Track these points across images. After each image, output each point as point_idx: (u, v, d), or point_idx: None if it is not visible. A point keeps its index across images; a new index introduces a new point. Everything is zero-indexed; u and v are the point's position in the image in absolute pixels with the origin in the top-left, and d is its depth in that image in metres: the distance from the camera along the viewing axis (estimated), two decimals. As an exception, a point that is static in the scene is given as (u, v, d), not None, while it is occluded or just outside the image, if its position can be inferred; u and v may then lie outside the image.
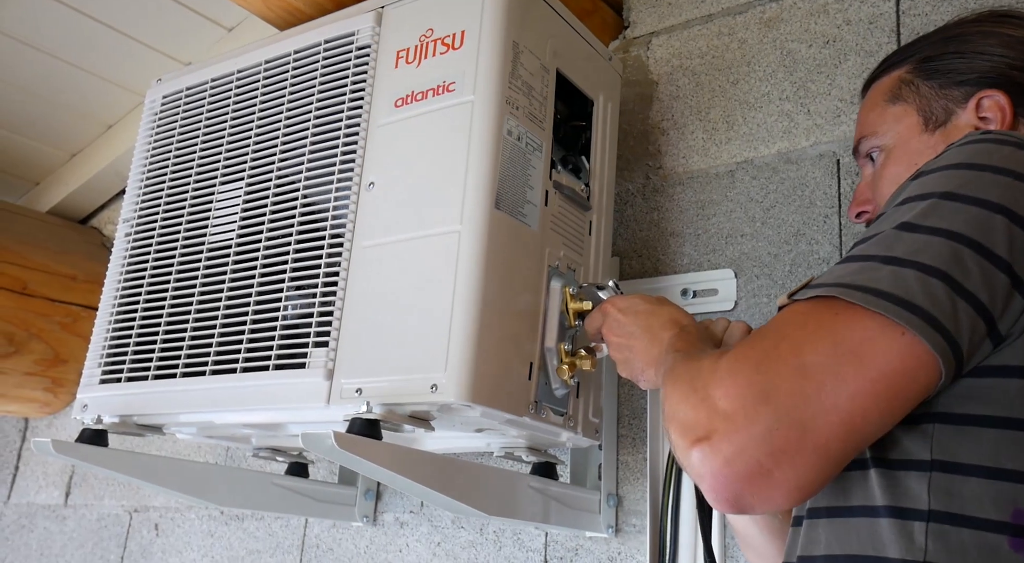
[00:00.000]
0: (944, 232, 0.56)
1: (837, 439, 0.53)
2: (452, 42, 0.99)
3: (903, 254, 0.56)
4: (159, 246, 1.16)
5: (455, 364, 0.85)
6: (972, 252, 0.55)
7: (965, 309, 0.54)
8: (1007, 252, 0.55)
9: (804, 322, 0.56)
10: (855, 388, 0.53)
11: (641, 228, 1.25)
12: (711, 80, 1.26)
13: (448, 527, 1.29)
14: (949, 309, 0.53)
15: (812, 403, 0.53)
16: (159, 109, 1.25)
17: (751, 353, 0.57)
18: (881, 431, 0.55)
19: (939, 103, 0.80)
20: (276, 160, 1.08)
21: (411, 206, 0.95)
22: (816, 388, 0.53)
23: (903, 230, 0.57)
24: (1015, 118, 0.76)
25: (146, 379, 1.09)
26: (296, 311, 0.99)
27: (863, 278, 0.55)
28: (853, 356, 0.53)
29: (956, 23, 0.85)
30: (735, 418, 0.54)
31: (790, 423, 0.53)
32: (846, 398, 0.53)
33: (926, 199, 0.58)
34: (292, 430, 1.11)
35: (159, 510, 1.67)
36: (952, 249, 0.55)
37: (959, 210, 0.56)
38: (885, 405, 0.54)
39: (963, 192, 0.57)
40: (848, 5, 1.17)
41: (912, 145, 0.81)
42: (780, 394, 0.53)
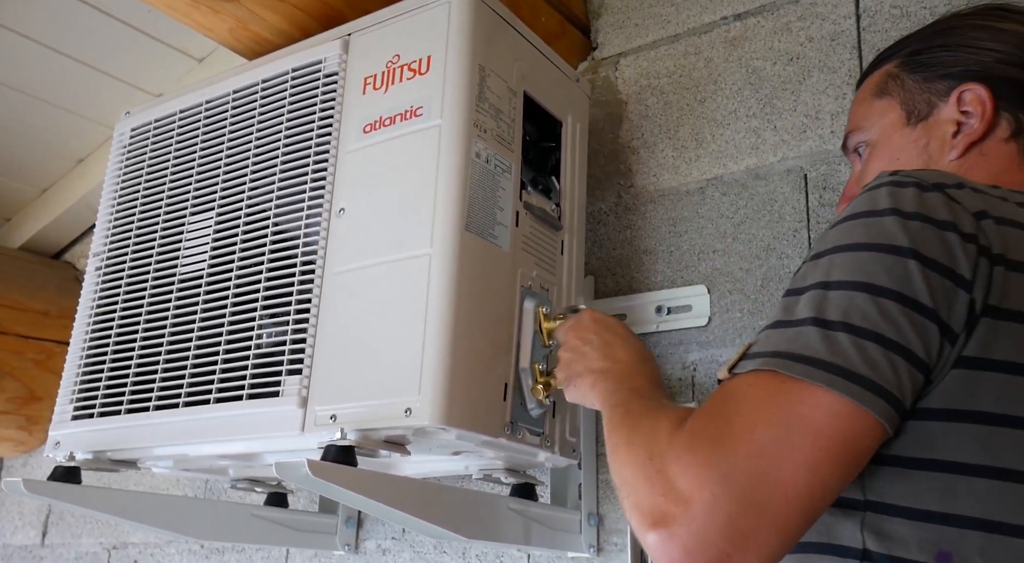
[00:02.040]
0: (862, 285, 0.55)
1: (797, 513, 0.53)
2: (419, 67, 1.00)
3: (832, 316, 0.55)
4: (130, 279, 1.16)
5: (428, 387, 0.85)
6: (898, 305, 0.54)
7: (903, 366, 0.54)
8: (930, 299, 0.54)
9: (752, 397, 0.56)
10: (810, 462, 0.53)
11: (614, 246, 1.26)
12: (679, 99, 1.27)
13: (430, 552, 1.28)
14: (888, 371, 0.53)
15: (770, 482, 0.52)
16: (128, 142, 1.25)
17: (708, 430, 0.56)
18: (836, 495, 0.55)
19: (922, 97, 0.79)
20: (246, 189, 1.08)
21: (382, 231, 0.95)
22: (772, 466, 0.53)
23: (826, 289, 0.56)
24: (996, 112, 0.75)
25: (119, 414, 1.08)
26: (269, 339, 0.99)
27: (799, 347, 0.55)
28: (803, 431, 0.53)
29: (949, 17, 0.84)
30: (693, 504, 0.53)
31: (749, 505, 0.52)
32: (803, 473, 0.53)
33: (842, 251, 0.58)
34: (268, 460, 1.10)
35: (138, 546, 1.64)
36: (876, 303, 0.54)
37: (872, 259, 0.56)
38: (839, 472, 0.54)
39: (872, 240, 0.57)
40: (810, 23, 1.19)
41: (894, 140, 0.80)
42: (738, 475, 0.53)
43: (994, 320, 0.55)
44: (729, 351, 1.11)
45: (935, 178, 0.60)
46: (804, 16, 1.19)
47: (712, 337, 1.13)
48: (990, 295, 0.55)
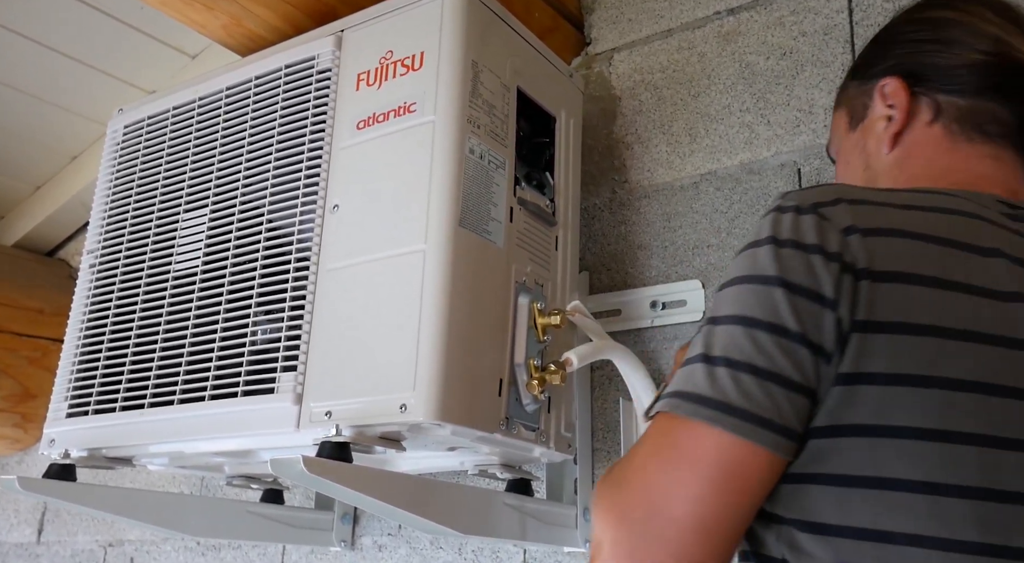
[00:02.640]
0: (738, 319, 0.57)
1: (693, 544, 0.55)
2: (412, 63, 1.00)
3: (715, 351, 0.58)
4: (124, 276, 1.16)
5: (423, 383, 0.85)
6: (767, 334, 0.56)
7: (780, 392, 0.55)
8: (797, 324, 0.56)
9: (649, 438, 0.60)
10: (697, 494, 0.55)
11: (609, 242, 1.26)
12: (673, 94, 1.27)
13: (427, 548, 1.28)
14: (765, 400, 0.55)
15: (662, 517, 0.56)
16: (121, 139, 1.25)
17: (614, 473, 0.61)
18: (740, 523, 0.57)
19: (859, 100, 0.80)
20: (240, 186, 1.08)
21: (375, 227, 0.95)
22: (663, 502, 0.56)
23: (711, 324, 0.59)
24: (914, 98, 0.75)
25: (113, 411, 1.07)
26: (264, 336, 0.99)
27: (689, 385, 0.58)
28: (689, 466, 0.56)
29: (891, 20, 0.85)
30: (603, 545, 0.58)
31: (646, 540, 0.55)
32: (692, 504, 0.55)
33: (725, 287, 0.61)
34: (263, 456, 1.10)
35: (134, 543, 1.64)
36: (750, 335, 0.56)
37: (747, 291, 0.58)
38: (730, 501, 0.56)
39: (749, 272, 0.59)
40: (803, 18, 1.19)
41: (845, 145, 0.81)
42: (633, 514, 0.57)
43: (864, 334, 0.55)
44: (723, 346, 1.11)
45: (814, 198, 0.61)
46: (797, 10, 1.20)
47: (706, 332, 1.13)
48: (857, 311, 0.56)
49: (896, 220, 0.59)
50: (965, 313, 0.56)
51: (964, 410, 0.54)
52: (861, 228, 0.58)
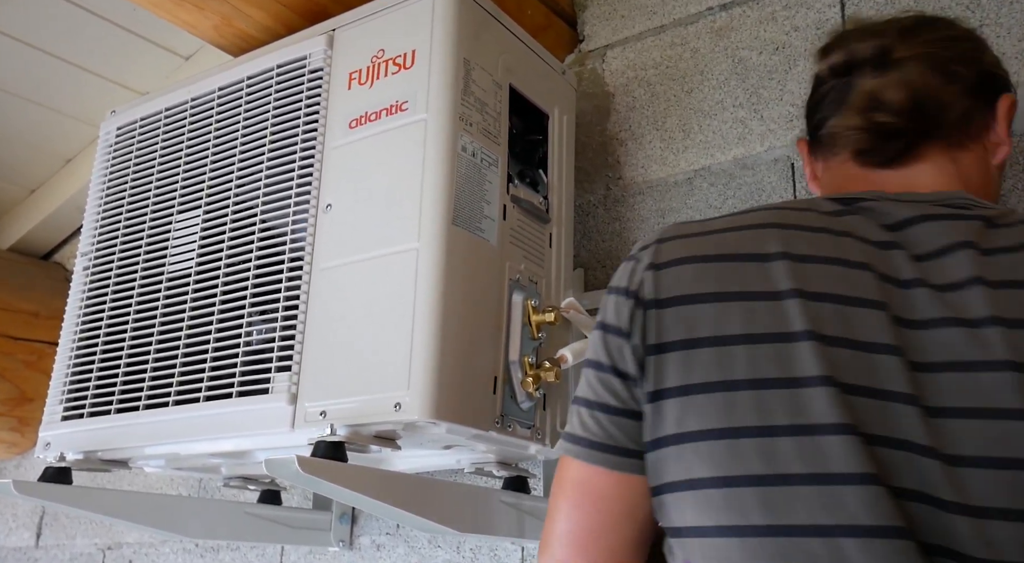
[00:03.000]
0: (586, 362, 0.68)
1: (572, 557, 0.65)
2: (403, 62, 0.99)
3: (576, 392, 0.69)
4: (118, 278, 1.15)
5: (418, 382, 0.85)
6: (592, 370, 0.67)
7: (604, 418, 0.65)
8: (607, 357, 0.65)
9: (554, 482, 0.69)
10: (565, 513, 0.66)
11: (604, 239, 1.26)
12: (666, 90, 1.27)
13: (425, 547, 1.28)
14: (595, 426, 0.65)
15: (550, 536, 0.67)
16: (114, 141, 1.25)
17: None
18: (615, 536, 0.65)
19: None
20: (233, 186, 1.08)
21: (368, 226, 0.95)
22: (550, 524, 0.67)
23: None
24: (812, 159, 0.80)
25: (109, 414, 1.07)
26: (258, 336, 0.98)
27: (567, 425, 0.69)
28: (562, 492, 0.67)
29: None
30: None
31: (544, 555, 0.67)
32: (563, 522, 0.66)
33: None
34: (259, 457, 1.10)
35: (133, 546, 1.64)
36: (585, 375, 0.67)
37: (592, 338, 0.68)
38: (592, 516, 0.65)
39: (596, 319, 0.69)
40: (795, 12, 1.19)
41: None
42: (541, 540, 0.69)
43: (657, 355, 0.62)
44: (719, 341, 1.11)
45: (644, 241, 0.69)
46: (789, 5, 1.19)
47: (702, 327, 1.13)
48: (648, 336, 0.63)
49: (692, 248, 0.65)
50: (740, 318, 0.60)
51: (744, 407, 0.58)
52: (656, 263, 0.66)
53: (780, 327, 0.59)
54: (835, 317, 0.58)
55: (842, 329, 0.58)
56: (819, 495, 0.54)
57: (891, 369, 0.56)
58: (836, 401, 0.55)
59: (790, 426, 0.56)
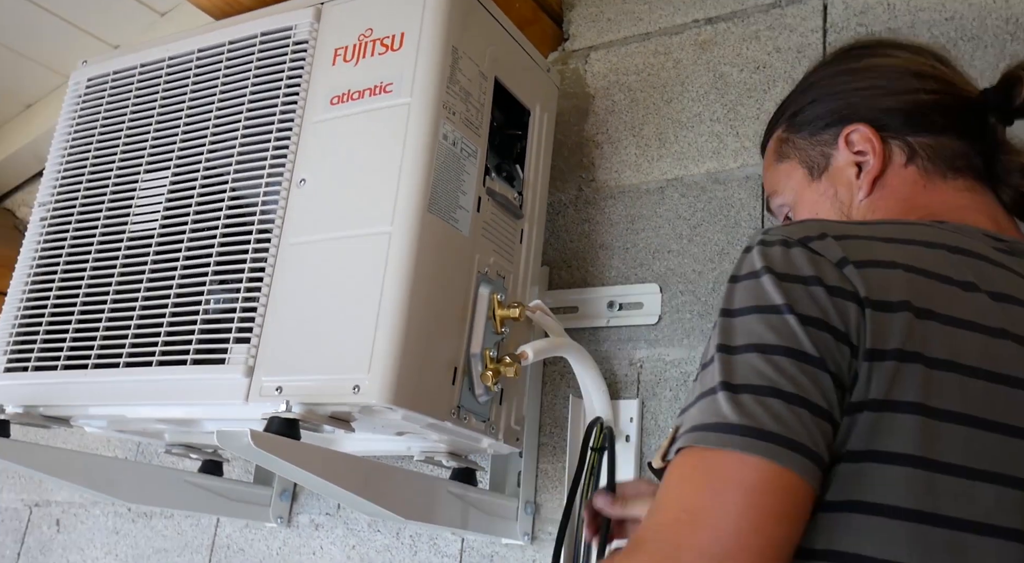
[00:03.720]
0: (753, 347, 0.57)
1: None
2: (391, 43, 0.99)
3: (736, 380, 0.56)
4: (76, 232, 1.13)
5: (379, 366, 0.85)
6: (788, 359, 0.56)
7: (807, 417, 0.54)
8: (815, 350, 0.56)
9: (679, 479, 0.56)
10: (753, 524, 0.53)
11: (572, 239, 1.27)
12: (646, 97, 1.28)
13: (364, 530, 1.28)
14: (796, 424, 0.54)
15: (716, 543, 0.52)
16: (83, 92, 1.21)
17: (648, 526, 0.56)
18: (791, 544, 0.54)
19: (815, 150, 0.82)
20: (205, 151, 1.06)
21: (342, 205, 0.94)
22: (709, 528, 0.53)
23: (727, 354, 0.58)
24: (884, 143, 0.77)
25: (55, 369, 1.05)
26: (218, 305, 0.97)
27: (710, 415, 0.56)
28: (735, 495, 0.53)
29: (808, 73, 0.88)
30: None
31: None
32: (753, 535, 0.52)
33: (731, 316, 0.59)
34: (208, 427, 1.09)
35: (61, 505, 1.61)
36: (770, 361, 0.56)
37: (757, 321, 0.58)
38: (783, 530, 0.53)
39: (754, 302, 0.58)
40: (778, 34, 1.20)
41: (807, 196, 0.82)
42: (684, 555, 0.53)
43: (875, 362, 0.56)
44: (677, 351, 1.13)
45: (800, 232, 0.61)
46: (773, 26, 1.21)
47: (661, 336, 1.15)
48: (864, 339, 0.56)
49: (887, 253, 0.60)
50: (979, 352, 0.57)
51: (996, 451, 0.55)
52: (853, 260, 0.59)
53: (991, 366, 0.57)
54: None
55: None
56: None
57: None
58: None
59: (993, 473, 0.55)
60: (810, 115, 0.83)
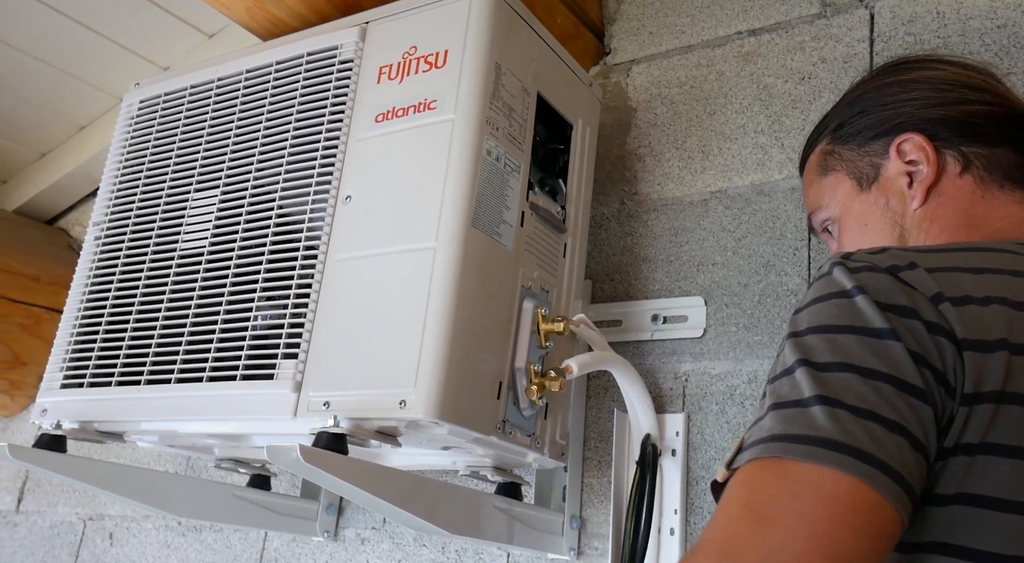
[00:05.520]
0: (852, 367, 0.54)
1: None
2: (435, 60, 1.00)
3: (830, 394, 0.53)
4: (129, 250, 1.15)
5: (424, 381, 0.85)
6: (891, 387, 0.53)
7: (906, 447, 0.52)
8: (922, 382, 0.53)
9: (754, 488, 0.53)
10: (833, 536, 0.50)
11: (615, 252, 1.27)
12: (688, 110, 1.28)
13: (410, 545, 1.28)
14: (894, 450, 0.52)
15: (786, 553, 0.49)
16: (136, 113, 1.24)
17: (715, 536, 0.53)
18: None
19: (864, 161, 0.81)
20: (253, 170, 1.08)
21: (387, 221, 0.95)
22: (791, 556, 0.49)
23: (816, 369, 0.54)
24: (938, 153, 0.76)
25: (109, 385, 1.07)
26: (266, 322, 0.99)
27: (799, 427, 0.52)
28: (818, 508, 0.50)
29: (854, 87, 0.88)
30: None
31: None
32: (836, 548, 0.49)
33: (820, 333, 0.56)
34: (257, 442, 1.10)
35: (114, 519, 1.64)
36: (872, 386, 0.53)
37: (856, 342, 0.54)
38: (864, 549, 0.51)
39: (851, 323, 0.55)
40: (824, 44, 1.19)
41: (856, 207, 0.81)
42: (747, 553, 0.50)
43: (972, 406, 0.54)
44: (722, 364, 1.12)
45: (888, 261, 0.59)
46: (818, 36, 1.20)
47: (706, 349, 1.14)
48: (961, 382, 0.54)
49: (977, 287, 0.58)
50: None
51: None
52: (949, 297, 0.56)
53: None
54: None
55: None
56: None
57: None
58: None
59: None
60: (857, 126, 0.83)
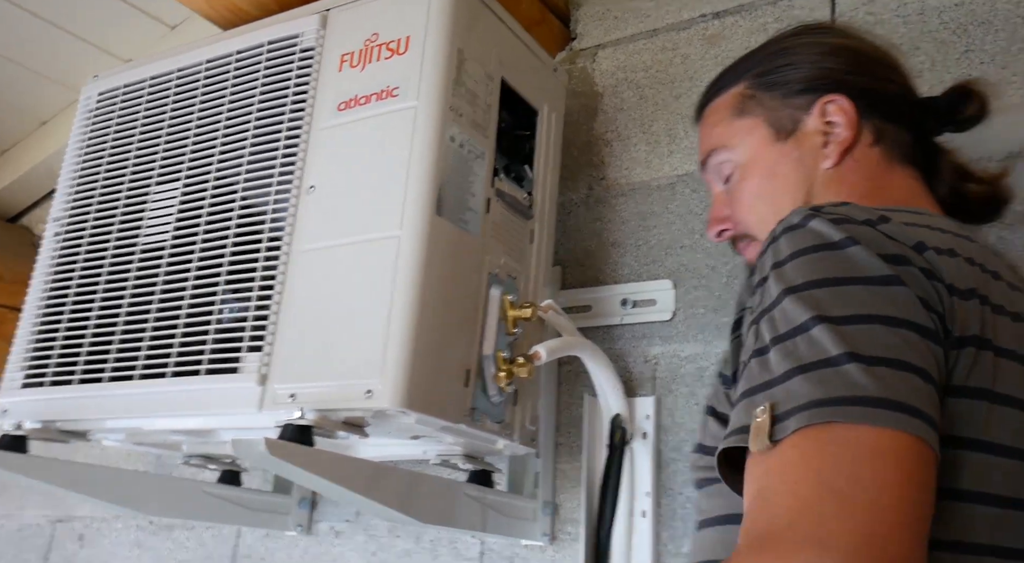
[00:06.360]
0: (878, 318, 0.53)
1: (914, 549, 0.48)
2: (397, 47, 0.99)
3: (864, 351, 0.51)
4: (90, 246, 1.13)
5: (391, 370, 0.85)
6: (916, 334, 0.53)
7: (936, 396, 0.53)
8: (932, 324, 0.54)
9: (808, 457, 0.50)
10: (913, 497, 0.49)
11: (583, 238, 1.26)
12: (655, 94, 1.27)
13: (384, 536, 1.27)
14: (929, 402, 0.52)
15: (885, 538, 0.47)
16: (95, 106, 1.22)
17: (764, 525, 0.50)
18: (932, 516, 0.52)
19: (785, 112, 0.81)
20: (215, 161, 1.06)
21: (351, 210, 0.94)
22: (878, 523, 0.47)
23: (837, 324, 0.53)
24: (859, 120, 0.78)
25: (71, 383, 1.05)
26: (231, 315, 0.97)
27: (837, 388, 0.50)
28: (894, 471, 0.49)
29: (778, 38, 0.87)
30: None
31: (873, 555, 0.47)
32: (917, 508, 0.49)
33: (825, 286, 0.54)
34: (224, 436, 1.09)
35: (84, 520, 1.62)
36: (900, 336, 0.52)
37: (866, 292, 0.54)
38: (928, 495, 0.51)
39: (853, 273, 0.55)
40: (787, 26, 1.18)
41: (767, 156, 0.81)
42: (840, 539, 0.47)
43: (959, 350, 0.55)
44: (692, 346, 1.12)
45: (861, 214, 0.58)
46: (781, 18, 1.20)
47: (675, 332, 1.14)
48: (953, 327, 0.55)
49: (941, 241, 0.59)
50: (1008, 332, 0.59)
51: None
52: (930, 246, 0.57)
53: None
54: None
55: None
56: None
57: None
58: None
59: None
60: (784, 77, 0.82)
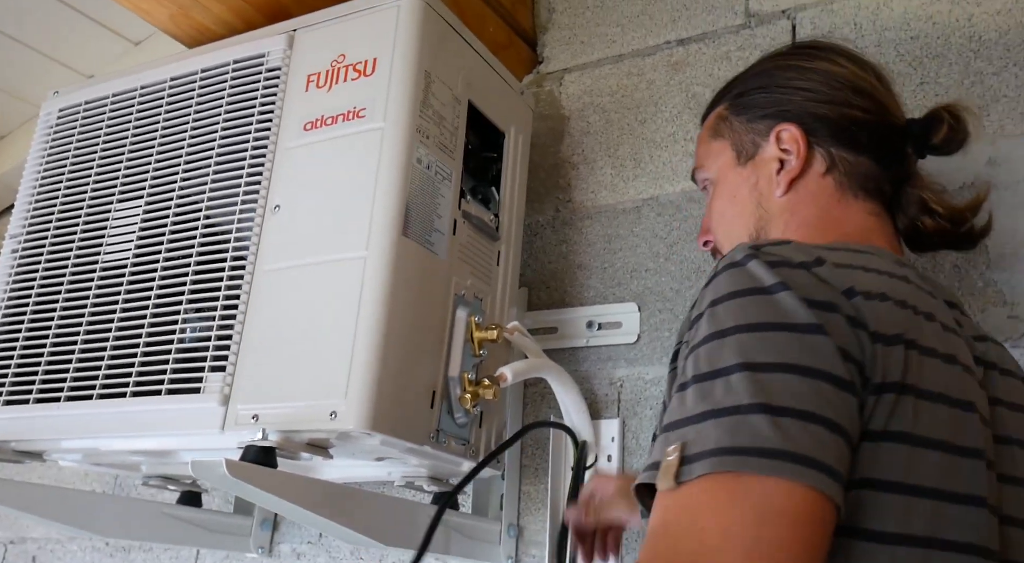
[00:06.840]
0: (790, 367, 0.54)
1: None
2: (364, 68, 0.99)
3: (775, 401, 0.52)
4: (48, 263, 1.11)
5: (356, 391, 0.84)
6: (828, 385, 0.54)
7: (843, 446, 0.53)
8: (848, 375, 0.54)
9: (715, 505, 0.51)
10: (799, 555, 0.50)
11: (550, 260, 1.27)
12: (620, 118, 1.29)
13: (347, 558, 1.26)
14: (835, 453, 0.52)
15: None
16: (55, 122, 1.21)
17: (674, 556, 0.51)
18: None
19: (748, 137, 0.82)
20: (178, 179, 1.05)
21: (317, 231, 0.94)
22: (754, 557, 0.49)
23: (753, 371, 0.54)
24: (809, 149, 0.78)
25: (27, 403, 1.03)
26: (193, 334, 0.96)
27: (744, 437, 0.52)
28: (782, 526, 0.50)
29: (765, 58, 0.88)
30: None
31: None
32: None
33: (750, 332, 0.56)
34: (184, 457, 1.07)
35: (38, 542, 1.58)
36: (812, 386, 0.53)
37: (788, 339, 0.55)
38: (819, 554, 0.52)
39: (781, 320, 0.55)
40: (749, 53, 1.22)
41: (729, 178, 0.83)
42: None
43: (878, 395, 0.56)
44: (656, 369, 1.13)
45: (799, 256, 0.59)
46: (743, 46, 1.23)
47: (640, 354, 1.15)
48: (874, 373, 0.56)
49: (874, 284, 0.59)
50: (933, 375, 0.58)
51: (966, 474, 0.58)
52: (860, 291, 0.57)
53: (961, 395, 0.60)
54: None
55: None
56: None
57: None
58: None
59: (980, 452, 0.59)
60: (751, 102, 0.84)
